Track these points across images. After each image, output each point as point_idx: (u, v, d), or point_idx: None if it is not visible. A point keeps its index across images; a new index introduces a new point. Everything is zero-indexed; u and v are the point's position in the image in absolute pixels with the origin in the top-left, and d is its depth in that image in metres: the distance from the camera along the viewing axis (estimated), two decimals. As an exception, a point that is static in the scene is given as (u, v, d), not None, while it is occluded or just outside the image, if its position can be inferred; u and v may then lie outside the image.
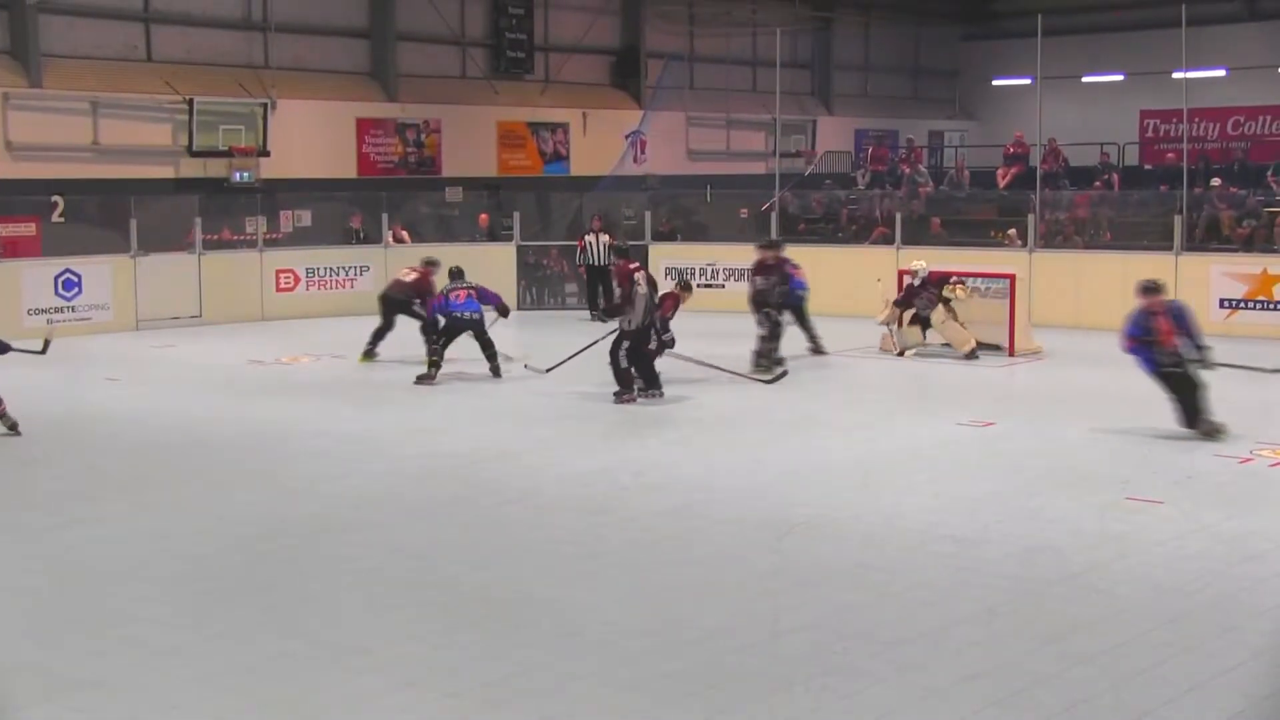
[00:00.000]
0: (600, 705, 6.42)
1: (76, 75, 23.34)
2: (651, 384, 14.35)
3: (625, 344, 14.24)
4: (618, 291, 14.44)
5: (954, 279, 17.39)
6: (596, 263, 21.83)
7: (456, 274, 16.08)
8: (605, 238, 22.02)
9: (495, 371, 15.77)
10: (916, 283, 17.23)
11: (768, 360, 15.98)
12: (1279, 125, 32.28)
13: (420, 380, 15.40)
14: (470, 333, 15.66)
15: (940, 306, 17.12)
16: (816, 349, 17.49)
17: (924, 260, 17.79)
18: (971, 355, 16.81)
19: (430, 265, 17.32)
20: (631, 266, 14.58)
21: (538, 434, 12.75)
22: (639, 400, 14.13)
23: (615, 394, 14.20)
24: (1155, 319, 12.16)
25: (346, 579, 8.34)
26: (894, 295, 17.56)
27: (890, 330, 17.49)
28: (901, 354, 17.27)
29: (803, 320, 17.53)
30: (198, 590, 8.16)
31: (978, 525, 9.38)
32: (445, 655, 7.00)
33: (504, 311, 16.34)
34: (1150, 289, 12.31)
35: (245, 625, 7.47)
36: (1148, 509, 9.79)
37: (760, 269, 16.61)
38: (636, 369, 14.26)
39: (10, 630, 7.48)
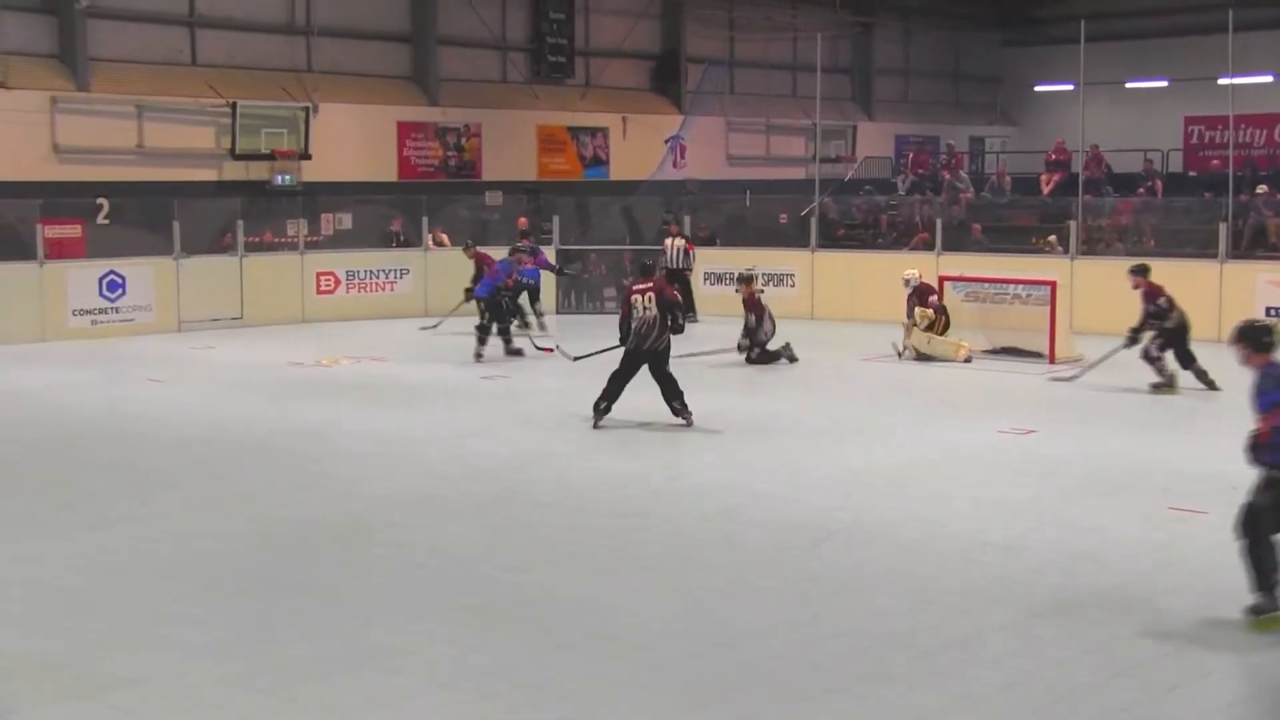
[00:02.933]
0: (635, 708, 6.41)
1: (123, 79, 23.56)
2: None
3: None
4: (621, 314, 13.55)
5: (931, 299, 17.57)
6: (674, 265, 21.94)
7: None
8: (681, 241, 22.10)
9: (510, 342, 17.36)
10: (908, 291, 17.45)
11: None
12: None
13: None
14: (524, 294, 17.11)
15: (915, 331, 17.36)
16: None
17: (916, 270, 17.88)
18: (967, 360, 17.04)
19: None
20: (635, 288, 13.35)
21: (573, 437, 12.75)
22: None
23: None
24: None
25: (382, 580, 8.37)
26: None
27: (906, 336, 17.61)
28: (900, 355, 17.37)
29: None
30: (234, 590, 8.21)
31: (1017, 533, 9.31)
32: (480, 657, 7.01)
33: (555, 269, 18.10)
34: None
35: (281, 625, 7.50)
36: (1190, 519, 9.68)
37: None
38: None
39: (49, 627, 7.54)
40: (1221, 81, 23.27)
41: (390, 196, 25.91)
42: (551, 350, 17.01)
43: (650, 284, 13.16)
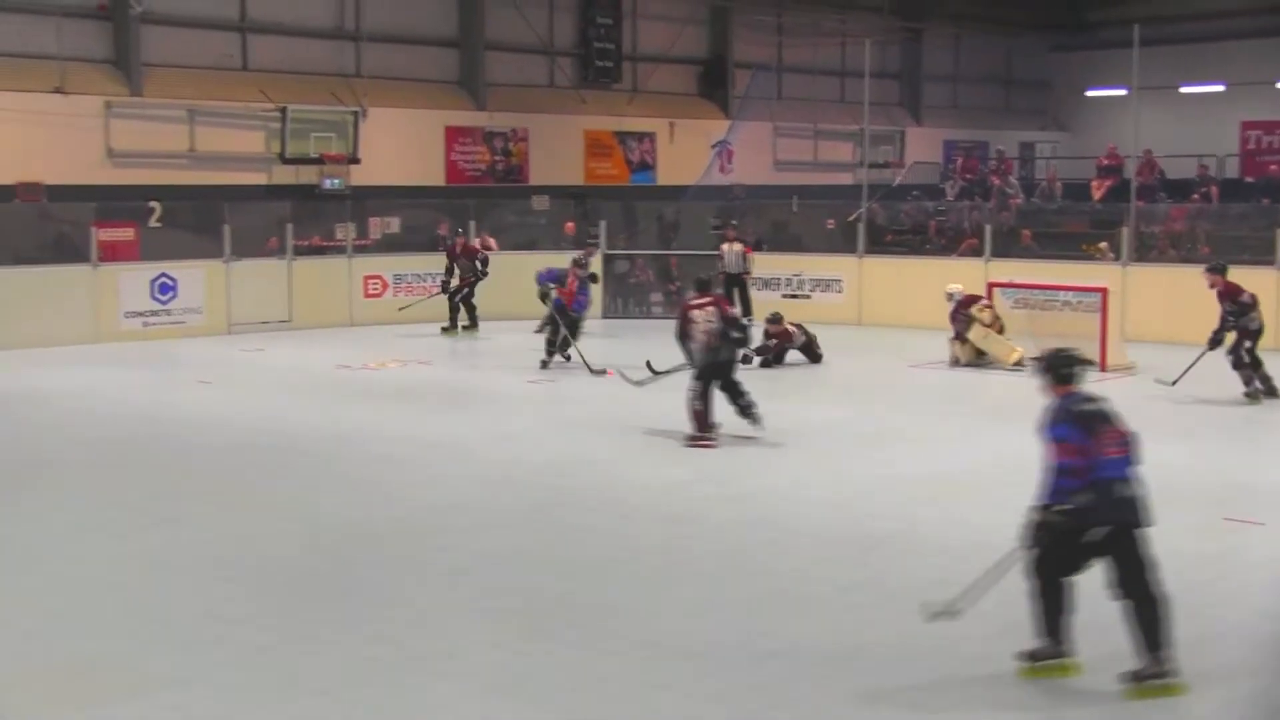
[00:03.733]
0: (681, 716, 6.39)
1: (175, 84, 23.80)
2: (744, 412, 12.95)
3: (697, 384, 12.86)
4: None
5: (983, 301, 17.39)
6: (731, 270, 21.93)
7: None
8: (739, 246, 22.08)
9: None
10: (951, 306, 17.23)
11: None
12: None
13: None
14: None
15: (976, 325, 17.09)
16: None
17: (959, 284, 17.70)
18: (1018, 365, 16.70)
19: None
20: (693, 303, 13.13)
21: (621, 443, 12.73)
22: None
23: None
24: None
25: (429, 584, 8.38)
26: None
27: (958, 345, 17.43)
28: (955, 364, 17.25)
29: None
30: (284, 592, 8.24)
31: (1068, 542, 9.19)
32: (527, 663, 7.00)
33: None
34: None
35: (330, 627, 7.52)
36: (1247, 530, 9.56)
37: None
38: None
39: (100, 628, 7.59)
40: (1280, 86, 23.00)
41: (437, 200, 26.02)
42: (611, 373, 16.49)
43: (709, 299, 13.09)
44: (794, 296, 21.99)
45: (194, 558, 8.94)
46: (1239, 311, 14.71)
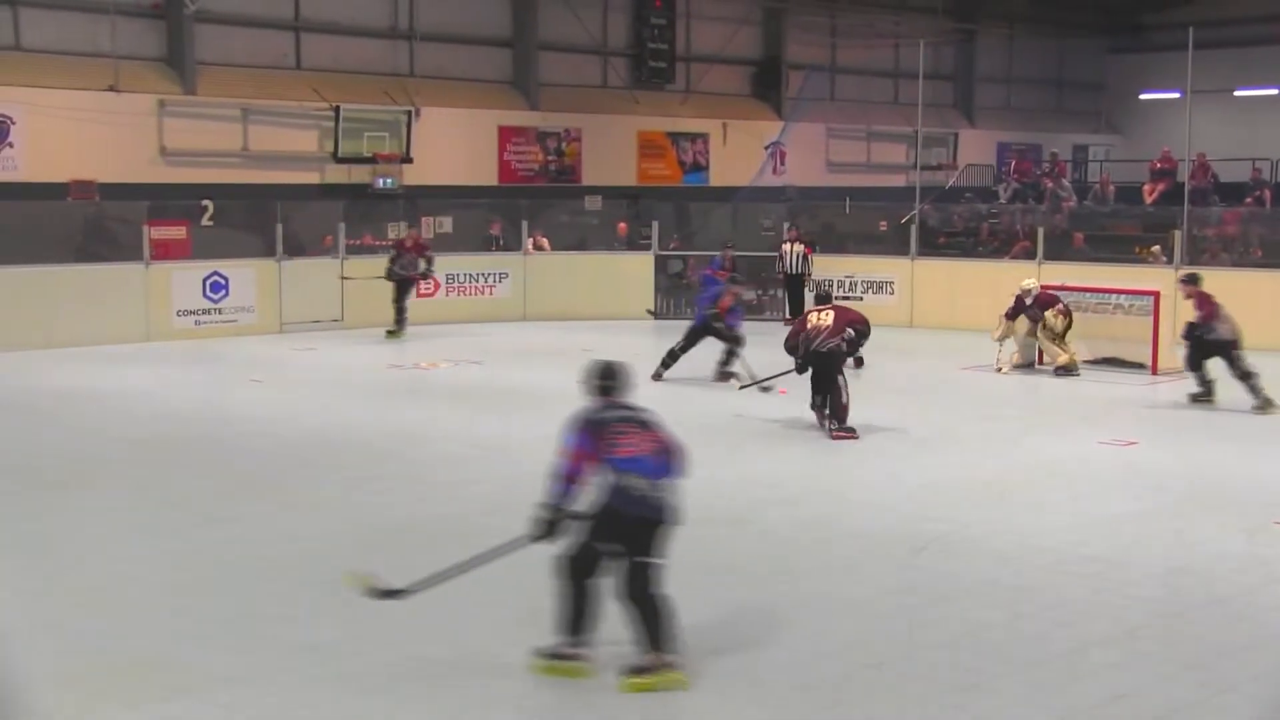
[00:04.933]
0: (733, 718, 6.40)
1: (229, 83, 24.03)
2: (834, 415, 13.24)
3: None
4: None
5: (1059, 307, 17.09)
6: (793, 271, 21.90)
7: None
8: (801, 247, 22.07)
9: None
10: (1029, 301, 16.99)
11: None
12: None
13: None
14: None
15: (1044, 327, 16.92)
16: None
17: (1035, 280, 17.53)
18: (1061, 371, 16.55)
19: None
20: (812, 309, 14.08)
21: (671, 443, 12.72)
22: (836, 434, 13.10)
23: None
24: None
25: (478, 584, 8.40)
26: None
27: (1001, 346, 17.23)
28: (999, 370, 17.01)
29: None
30: (334, 590, 8.27)
31: (1118, 546, 9.17)
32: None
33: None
34: None
35: (383, 626, 7.56)
36: (1297, 534, 9.48)
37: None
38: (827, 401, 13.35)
39: (153, 626, 7.68)
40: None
41: (490, 200, 26.13)
42: (783, 391, 15.98)
43: (830, 307, 13.65)
44: (846, 298, 21.89)
45: (245, 556, 9.03)
46: (1196, 325, 14.75)
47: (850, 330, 13.20)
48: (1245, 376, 14.55)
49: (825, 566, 8.79)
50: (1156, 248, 21.80)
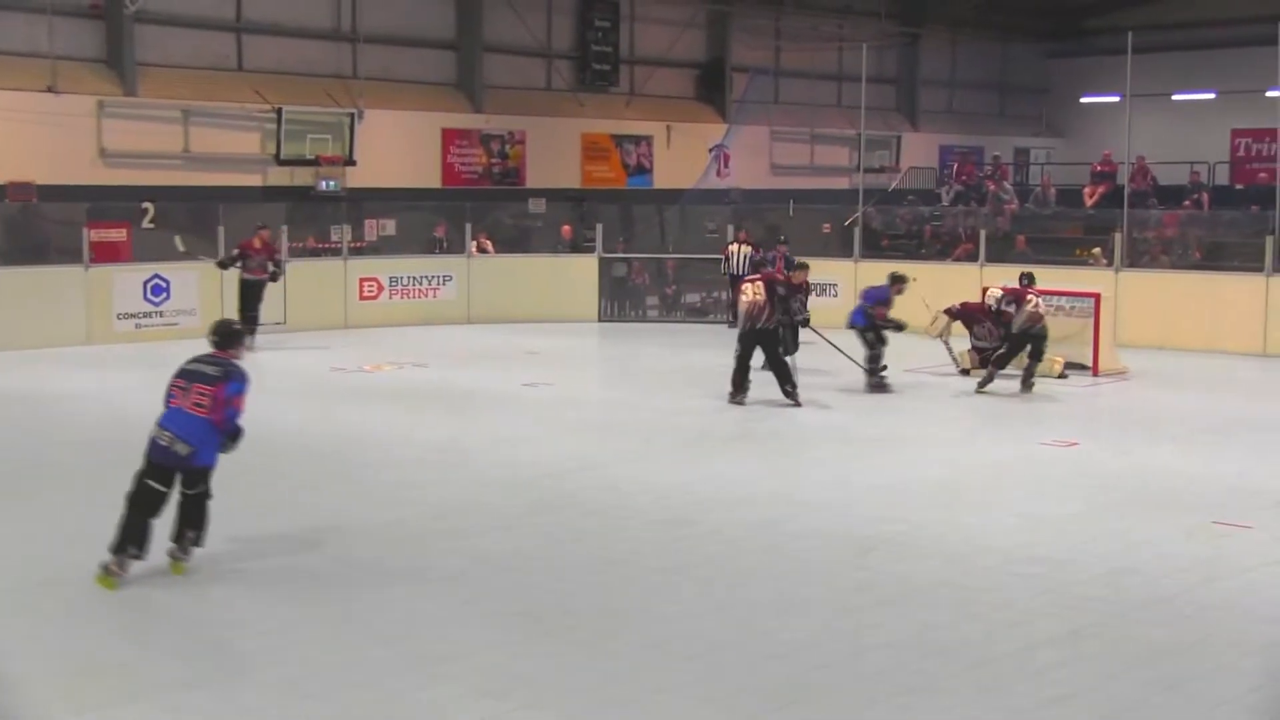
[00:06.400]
0: (681, 719, 6.40)
1: (170, 84, 23.78)
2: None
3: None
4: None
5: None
6: (738, 273, 21.94)
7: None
8: (748, 249, 22.10)
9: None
10: (993, 307, 16.66)
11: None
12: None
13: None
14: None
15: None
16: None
17: (996, 289, 17.45)
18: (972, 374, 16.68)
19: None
20: (745, 279, 15.71)
21: (621, 446, 12.75)
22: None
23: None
24: None
25: (429, 587, 8.38)
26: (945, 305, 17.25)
27: (946, 344, 17.26)
28: (967, 373, 16.97)
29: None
30: (282, 594, 8.23)
31: (1063, 546, 9.25)
32: (525, 665, 7.01)
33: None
34: None
35: (328, 630, 7.53)
36: (1237, 533, 9.60)
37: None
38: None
39: (99, 630, 7.59)
40: (1270, 94, 23.08)
41: (434, 203, 26.02)
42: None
43: (759, 276, 15.27)
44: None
45: (197, 561, 8.92)
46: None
47: (779, 290, 14.70)
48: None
49: (774, 568, 8.80)
50: (1097, 250, 22.04)
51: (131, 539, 8.19)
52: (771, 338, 14.72)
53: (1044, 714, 6.42)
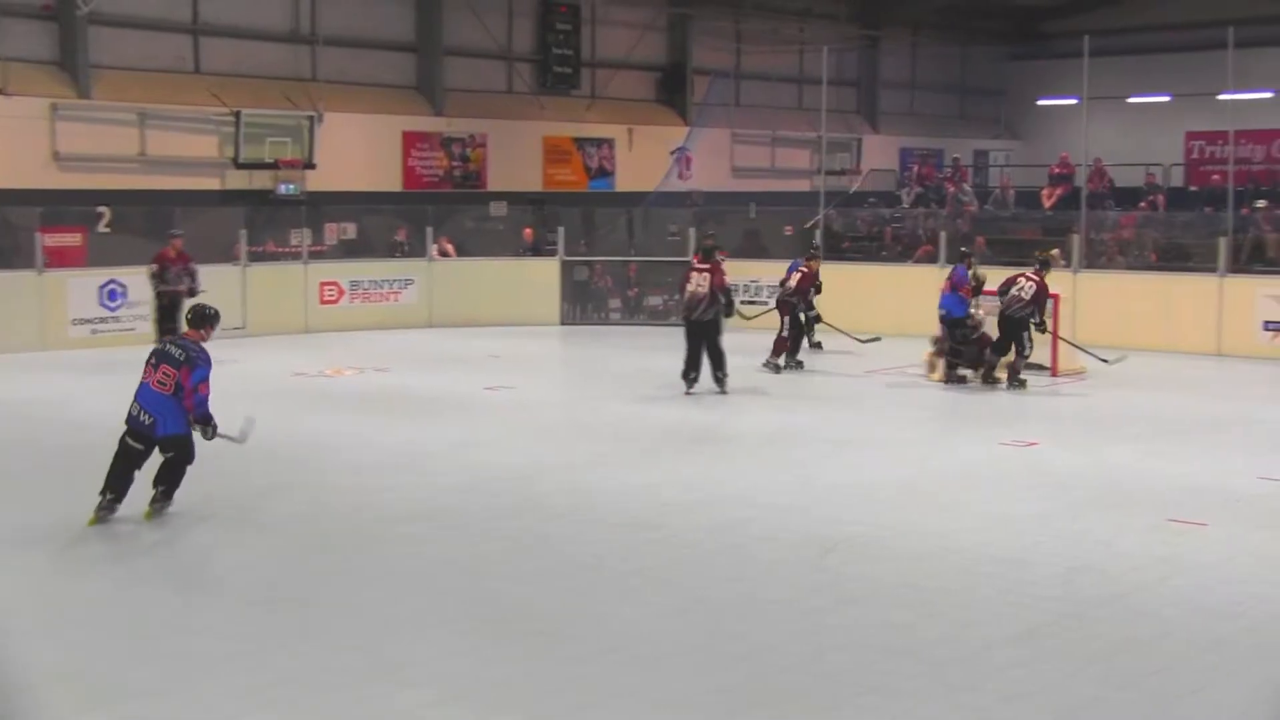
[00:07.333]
0: (643, 720, 6.41)
1: (125, 86, 23.57)
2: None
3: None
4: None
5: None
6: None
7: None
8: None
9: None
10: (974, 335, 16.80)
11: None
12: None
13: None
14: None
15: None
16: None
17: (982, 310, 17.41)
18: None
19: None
20: (694, 268, 15.92)
21: (584, 449, 12.74)
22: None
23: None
24: None
25: (393, 592, 8.35)
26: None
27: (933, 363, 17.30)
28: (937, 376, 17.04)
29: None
30: (243, 600, 8.19)
31: (1022, 545, 9.31)
32: (491, 670, 7.00)
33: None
34: None
35: (291, 636, 7.50)
36: (1192, 531, 9.69)
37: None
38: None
39: (61, 638, 7.53)
40: (1222, 97, 23.31)
41: (395, 207, 25.91)
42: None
43: (707, 267, 15.63)
44: (751, 303, 21.98)
45: (153, 568, 8.89)
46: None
47: (721, 296, 15.44)
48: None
49: (736, 569, 8.81)
50: (1056, 251, 22.15)
51: (110, 485, 9.58)
52: (711, 328, 15.43)
53: (1003, 711, 6.46)
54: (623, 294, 24.05)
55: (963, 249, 18.76)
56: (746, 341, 17.49)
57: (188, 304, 17.90)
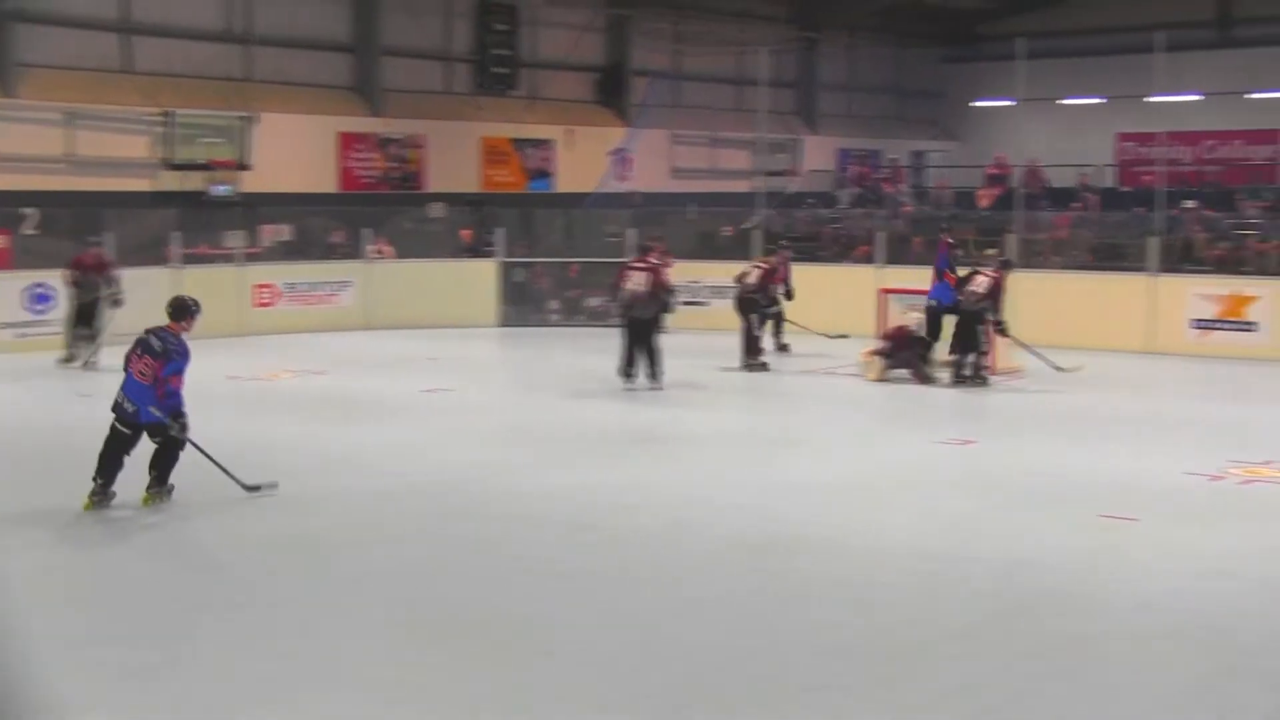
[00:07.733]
0: (580, 722, 6.36)
1: (53, 86, 23.17)
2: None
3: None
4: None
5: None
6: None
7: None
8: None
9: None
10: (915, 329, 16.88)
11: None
12: (1251, 149, 32.47)
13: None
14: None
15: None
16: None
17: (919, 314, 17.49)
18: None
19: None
20: (632, 264, 16.36)
21: (523, 451, 12.66)
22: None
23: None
24: None
25: (327, 597, 8.25)
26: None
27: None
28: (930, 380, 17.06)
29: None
30: (168, 610, 8.03)
31: (957, 542, 9.35)
32: (425, 675, 6.92)
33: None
34: None
35: (217, 645, 7.36)
36: (1123, 526, 9.78)
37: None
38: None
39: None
40: (1152, 99, 23.61)
41: (332, 208, 25.68)
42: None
43: (645, 265, 15.95)
44: (691, 304, 21.99)
45: (76, 578, 8.73)
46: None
47: (662, 296, 15.77)
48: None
49: (673, 570, 8.78)
50: (992, 251, 22.33)
51: (101, 470, 10.01)
52: (649, 326, 15.70)
53: (942, 707, 6.47)
54: (561, 295, 23.98)
55: (941, 226, 18.78)
56: (690, 343, 17.48)
57: (111, 312, 18.00)
